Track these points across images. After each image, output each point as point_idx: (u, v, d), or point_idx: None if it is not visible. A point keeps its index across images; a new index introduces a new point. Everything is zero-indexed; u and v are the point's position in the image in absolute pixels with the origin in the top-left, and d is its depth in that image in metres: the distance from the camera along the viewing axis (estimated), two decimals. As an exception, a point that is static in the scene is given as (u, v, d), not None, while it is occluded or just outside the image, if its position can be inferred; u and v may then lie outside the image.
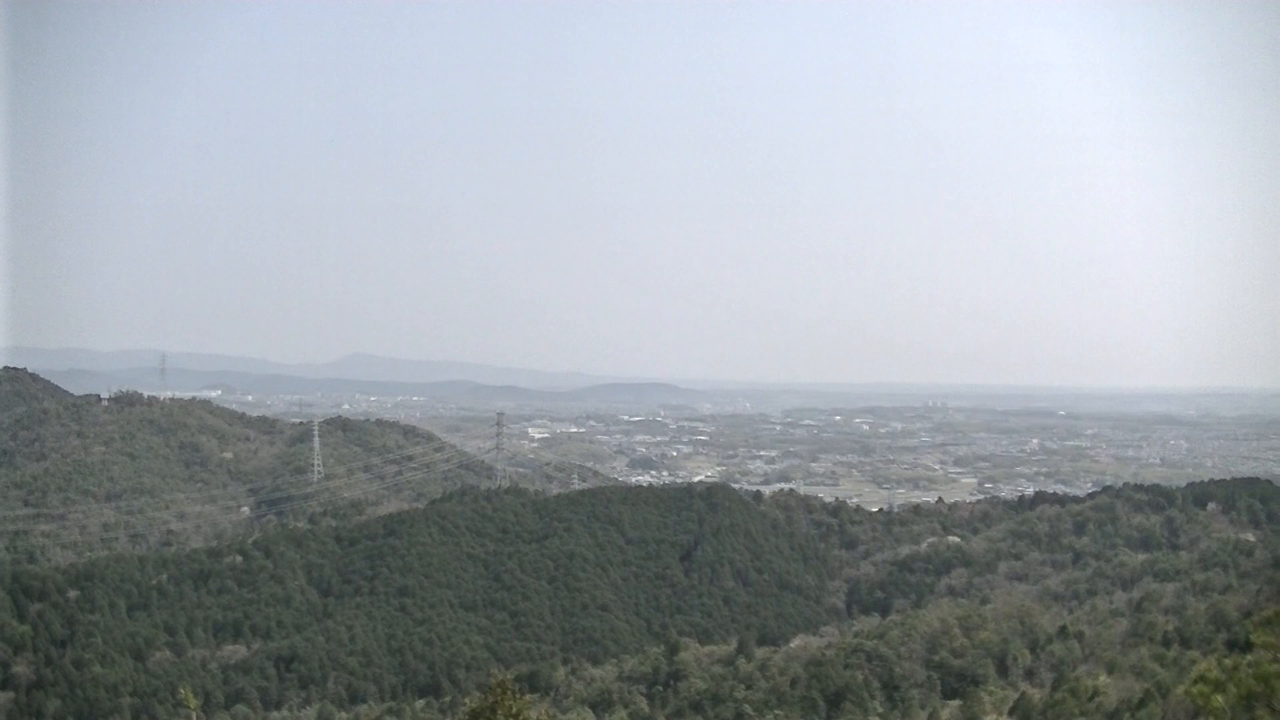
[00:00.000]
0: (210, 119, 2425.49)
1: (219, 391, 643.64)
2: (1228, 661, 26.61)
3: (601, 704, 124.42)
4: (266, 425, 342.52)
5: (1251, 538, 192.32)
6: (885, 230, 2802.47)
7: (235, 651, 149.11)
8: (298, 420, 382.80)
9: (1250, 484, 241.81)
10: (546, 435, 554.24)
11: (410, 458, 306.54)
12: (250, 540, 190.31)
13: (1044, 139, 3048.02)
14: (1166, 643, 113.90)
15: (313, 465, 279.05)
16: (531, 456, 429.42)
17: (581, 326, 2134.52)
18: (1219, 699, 25.45)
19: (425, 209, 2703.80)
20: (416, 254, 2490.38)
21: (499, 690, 37.03)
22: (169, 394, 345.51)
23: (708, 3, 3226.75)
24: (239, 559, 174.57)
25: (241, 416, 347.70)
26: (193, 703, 38.93)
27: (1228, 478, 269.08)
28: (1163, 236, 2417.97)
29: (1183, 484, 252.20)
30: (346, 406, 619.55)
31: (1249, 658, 26.90)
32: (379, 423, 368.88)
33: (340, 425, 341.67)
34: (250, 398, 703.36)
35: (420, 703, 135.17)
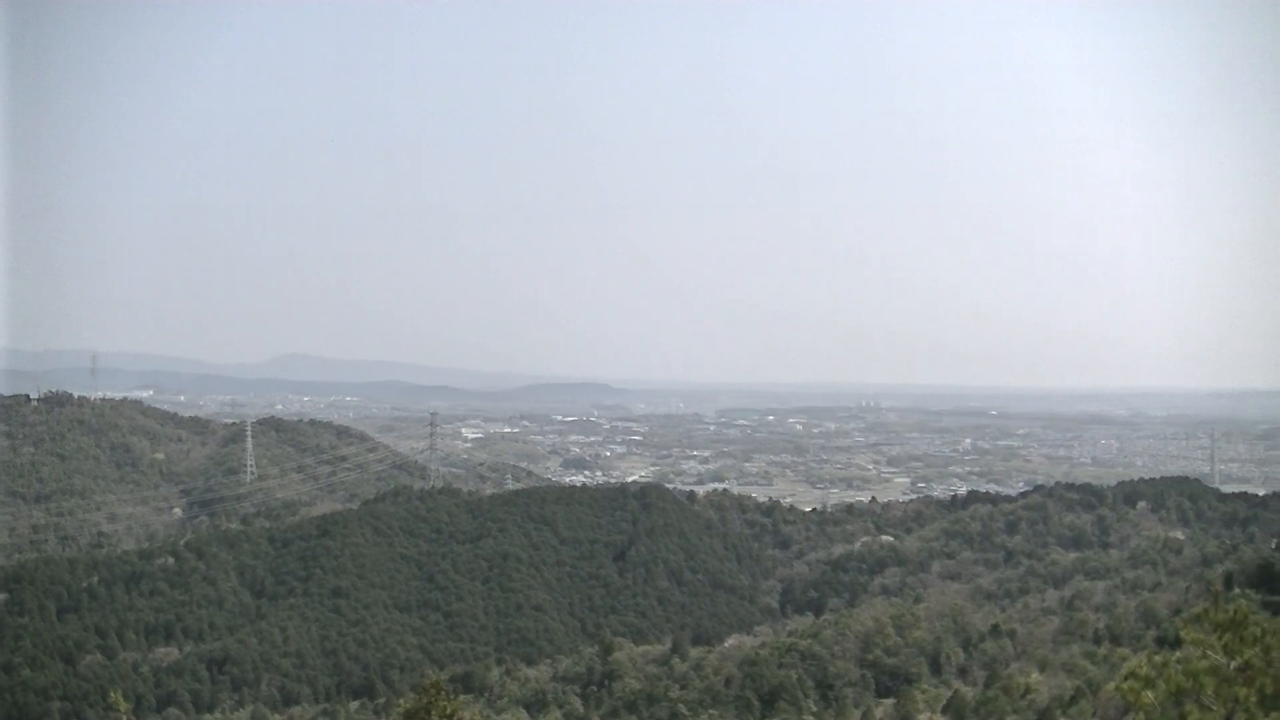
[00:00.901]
0: (145, 115, 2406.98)
1: (151, 392, 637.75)
2: (1157, 658, 26.83)
3: (536, 704, 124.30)
4: (199, 426, 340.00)
5: (1180, 536, 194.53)
6: (818, 229, 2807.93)
7: (167, 654, 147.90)
8: (230, 421, 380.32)
9: (1179, 483, 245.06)
10: (480, 435, 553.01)
11: (344, 458, 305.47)
12: (182, 541, 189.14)
13: (1007, 126, 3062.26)
14: (1097, 640, 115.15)
15: (245, 466, 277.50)
16: (465, 457, 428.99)
17: (515, 326, 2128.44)
18: (1149, 695, 25.68)
19: (355, 208, 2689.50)
20: (349, 253, 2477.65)
21: (433, 691, 36.98)
22: (100, 394, 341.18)
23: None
24: (171, 561, 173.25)
25: (174, 417, 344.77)
26: (124, 706, 38.62)
27: (1157, 477, 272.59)
28: (1120, 236, 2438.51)
29: (1113, 483, 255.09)
30: (280, 407, 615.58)
31: (1178, 654, 27.17)
32: (312, 423, 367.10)
33: (273, 425, 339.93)
34: (182, 398, 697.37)
35: (354, 704, 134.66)
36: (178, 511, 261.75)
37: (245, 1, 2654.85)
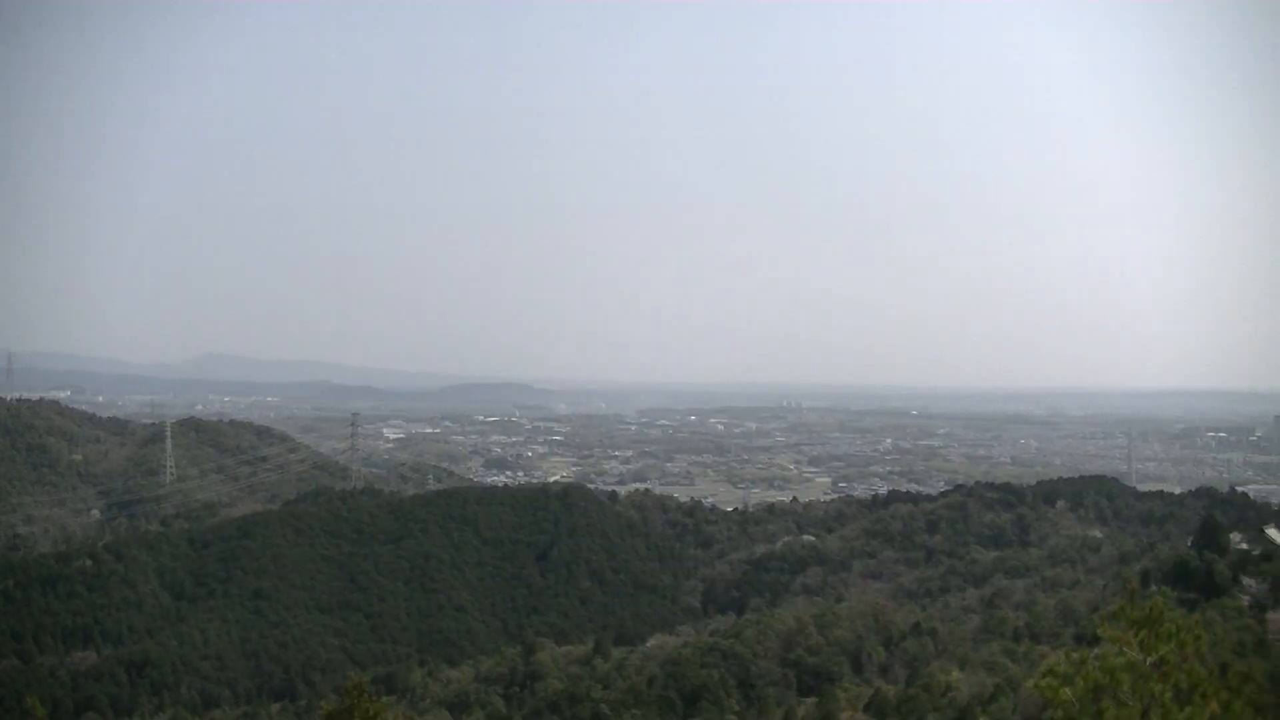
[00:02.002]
0: (59, 112, 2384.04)
1: (68, 392, 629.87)
2: (1075, 655, 27.14)
3: (458, 705, 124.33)
4: (118, 426, 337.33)
5: (1098, 534, 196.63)
6: (732, 229, 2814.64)
7: (85, 658, 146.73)
8: (150, 421, 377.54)
9: (1097, 482, 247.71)
10: (402, 436, 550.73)
11: (264, 459, 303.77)
12: (101, 544, 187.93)
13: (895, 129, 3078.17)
14: (1017, 638, 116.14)
15: (165, 467, 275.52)
16: (387, 457, 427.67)
17: (437, 326, 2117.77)
18: (1067, 692, 25.97)
19: (276, 206, 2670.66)
20: (270, 252, 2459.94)
21: (355, 693, 36.94)
22: (15, 395, 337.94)
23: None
24: (89, 563, 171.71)
25: (92, 418, 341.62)
26: (40, 711, 38.53)
27: (1076, 476, 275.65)
28: (1044, 237, 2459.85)
29: (1032, 482, 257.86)
30: (200, 407, 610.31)
31: (1096, 651, 27.45)
32: (233, 423, 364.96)
33: (193, 426, 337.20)
34: (101, 398, 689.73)
35: (275, 706, 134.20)
36: (96, 513, 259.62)
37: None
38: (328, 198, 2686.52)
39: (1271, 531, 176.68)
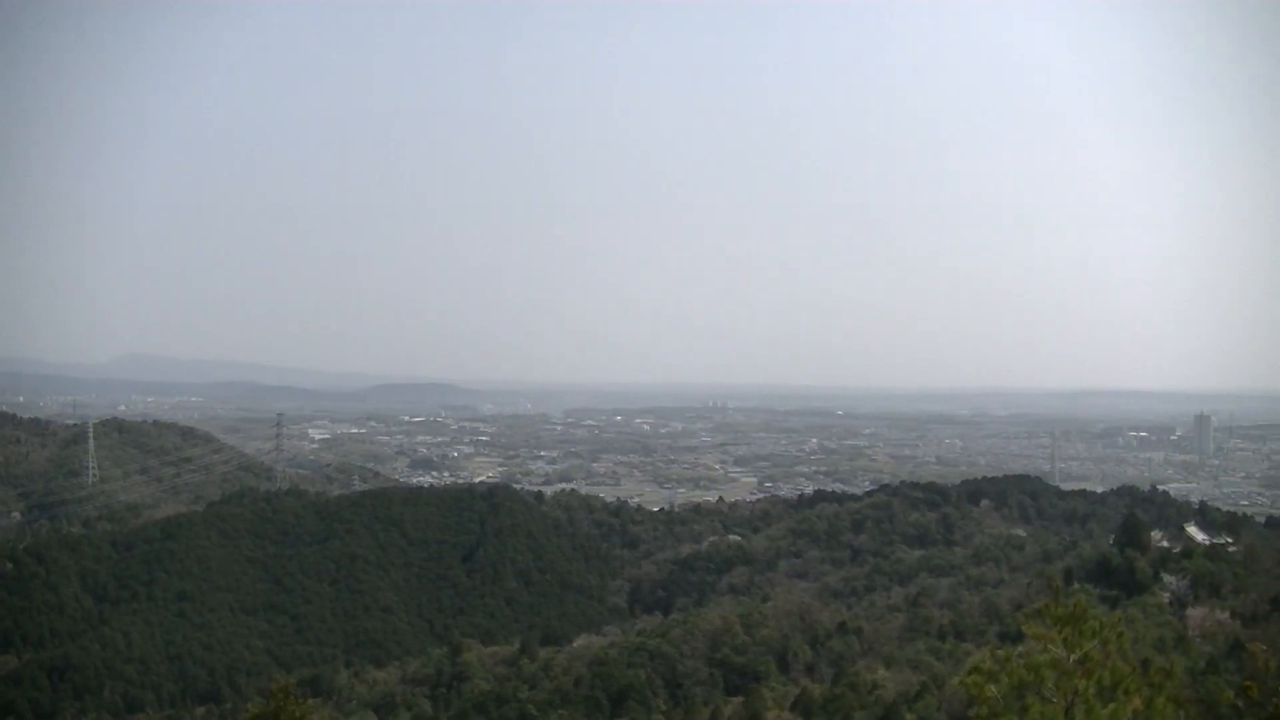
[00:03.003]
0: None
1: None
2: (1000, 653, 27.44)
3: (384, 707, 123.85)
4: (38, 427, 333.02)
5: (1022, 533, 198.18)
6: (665, 228, 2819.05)
7: (5, 662, 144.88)
8: (71, 422, 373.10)
9: (1021, 481, 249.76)
10: (327, 436, 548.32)
11: (188, 460, 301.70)
12: (21, 546, 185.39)
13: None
14: (942, 636, 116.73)
15: (87, 468, 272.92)
16: (312, 458, 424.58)
17: (361, 326, 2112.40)
18: (992, 689, 26.25)
19: (200, 205, 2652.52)
20: (193, 252, 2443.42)
21: (280, 695, 36.96)
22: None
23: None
24: (9, 565, 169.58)
25: (12, 418, 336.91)
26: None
27: (1000, 475, 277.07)
28: (964, 239, 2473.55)
29: (957, 482, 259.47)
30: (123, 408, 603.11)
31: (1020, 648, 27.76)
32: (156, 424, 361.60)
33: (116, 427, 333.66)
34: (21, 398, 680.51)
35: (200, 710, 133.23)
36: (16, 515, 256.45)
37: None
38: (246, 197, 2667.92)
39: (1191, 529, 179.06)
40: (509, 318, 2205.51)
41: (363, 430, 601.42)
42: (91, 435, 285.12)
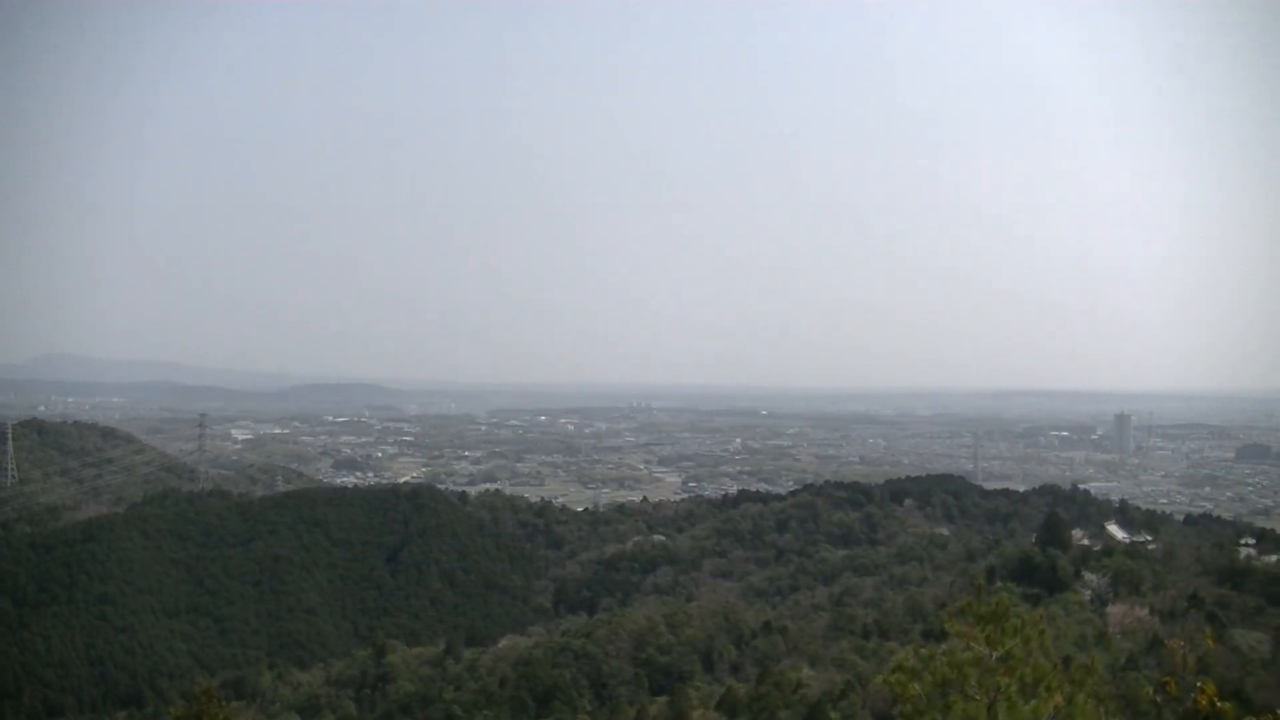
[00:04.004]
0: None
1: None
2: (924, 651, 27.66)
3: (309, 709, 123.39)
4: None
5: (945, 531, 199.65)
6: (586, 227, 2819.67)
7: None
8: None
9: (944, 480, 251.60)
10: (250, 437, 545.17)
11: (110, 461, 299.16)
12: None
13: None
14: (866, 634, 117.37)
15: (6, 469, 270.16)
16: (235, 458, 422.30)
17: (284, 325, 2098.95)
18: (915, 687, 26.47)
19: (119, 203, 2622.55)
20: (112, 247, 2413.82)
21: (203, 698, 36.83)
22: None
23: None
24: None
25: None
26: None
27: (923, 475, 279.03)
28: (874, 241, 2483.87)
29: (881, 481, 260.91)
30: (42, 408, 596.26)
31: (943, 646, 28.01)
32: (77, 425, 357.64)
33: (35, 428, 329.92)
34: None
35: (122, 714, 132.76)
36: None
37: None
38: (164, 194, 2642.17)
39: (1112, 527, 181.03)
40: (433, 319, 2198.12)
41: (286, 431, 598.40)
42: (10, 436, 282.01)
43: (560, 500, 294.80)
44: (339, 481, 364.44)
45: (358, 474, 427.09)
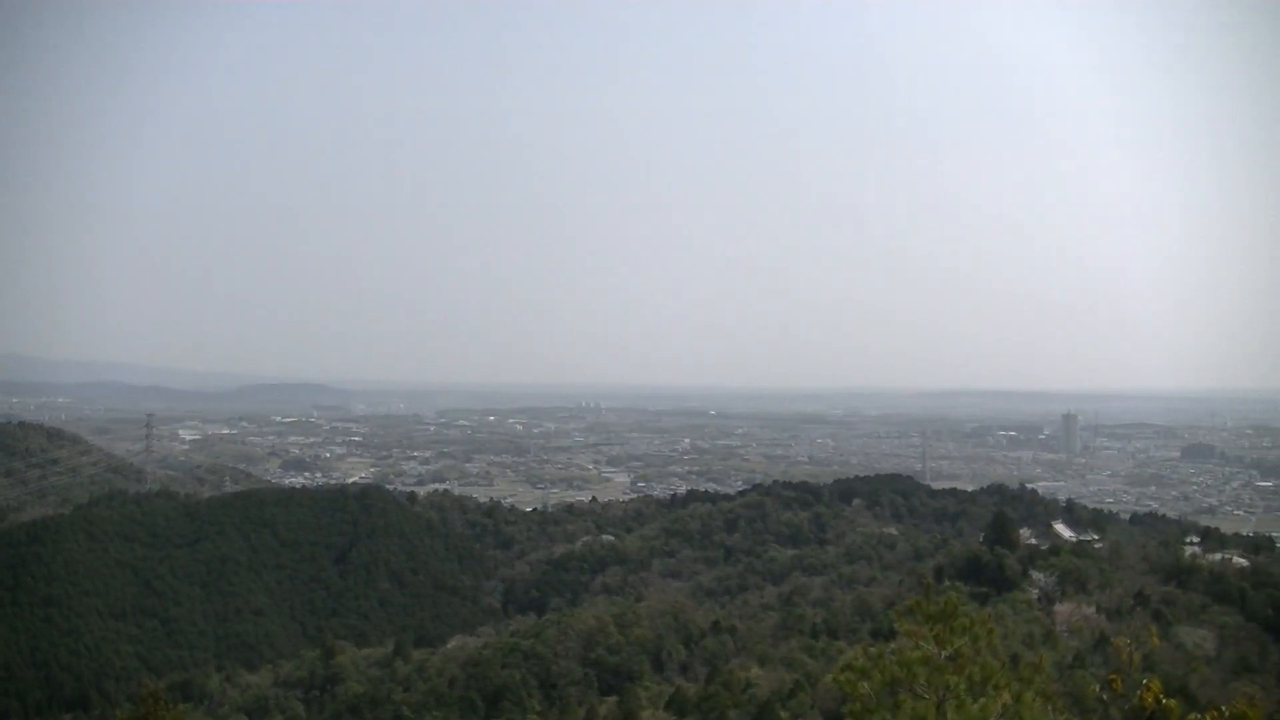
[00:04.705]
0: None
1: None
2: (873, 650, 27.78)
3: (257, 710, 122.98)
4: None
5: (894, 531, 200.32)
6: (542, 228, 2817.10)
7: None
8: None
9: (892, 480, 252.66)
10: (198, 437, 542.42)
11: (55, 462, 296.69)
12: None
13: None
14: (815, 634, 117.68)
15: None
16: (182, 459, 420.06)
17: (232, 325, 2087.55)
18: (864, 686, 26.58)
19: (60, 203, 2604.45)
20: (56, 246, 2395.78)
21: (150, 700, 36.65)
22: None
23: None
24: None
25: None
26: None
27: (872, 474, 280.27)
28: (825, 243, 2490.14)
29: (829, 481, 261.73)
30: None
31: (892, 645, 28.13)
32: (22, 425, 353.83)
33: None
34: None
35: (68, 717, 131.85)
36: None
37: None
38: (110, 192, 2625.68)
39: (1059, 526, 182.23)
40: (380, 318, 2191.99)
41: (234, 431, 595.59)
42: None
43: (509, 500, 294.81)
44: (287, 482, 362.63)
45: (306, 474, 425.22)
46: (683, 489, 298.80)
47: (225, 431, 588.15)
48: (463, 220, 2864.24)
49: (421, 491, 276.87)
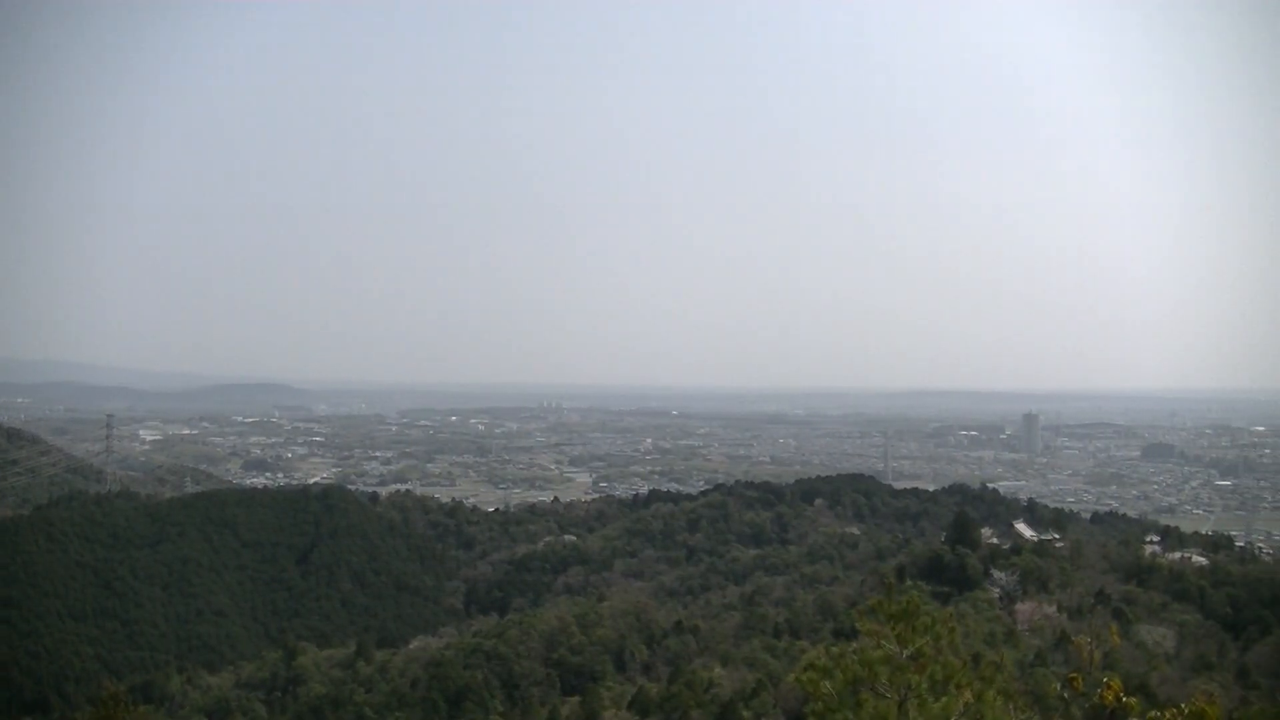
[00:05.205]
0: None
1: None
2: (835, 649, 27.79)
3: (219, 712, 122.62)
4: None
5: (856, 531, 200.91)
6: (485, 230, 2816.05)
7: None
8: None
9: (854, 480, 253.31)
10: (159, 437, 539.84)
11: (14, 462, 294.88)
12: None
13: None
14: (777, 634, 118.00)
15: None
16: (143, 459, 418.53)
17: (193, 324, 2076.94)
18: (826, 685, 26.59)
19: (18, 202, 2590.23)
20: (14, 246, 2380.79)
21: (111, 703, 36.46)
22: None
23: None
24: None
25: None
26: None
27: (834, 474, 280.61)
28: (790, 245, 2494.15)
29: (791, 481, 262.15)
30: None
31: (854, 645, 28.14)
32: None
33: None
34: None
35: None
36: None
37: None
38: (63, 191, 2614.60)
39: (1020, 526, 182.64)
40: (343, 317, 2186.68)
41: (195, 431, 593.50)
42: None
43: (471, 501, 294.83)
44: (248, 482, 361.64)
45: (267, 475, 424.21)
46: (645, 489, 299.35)
47: (186, 432, 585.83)
48: (425, 221, 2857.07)
49: (383, 492, 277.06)
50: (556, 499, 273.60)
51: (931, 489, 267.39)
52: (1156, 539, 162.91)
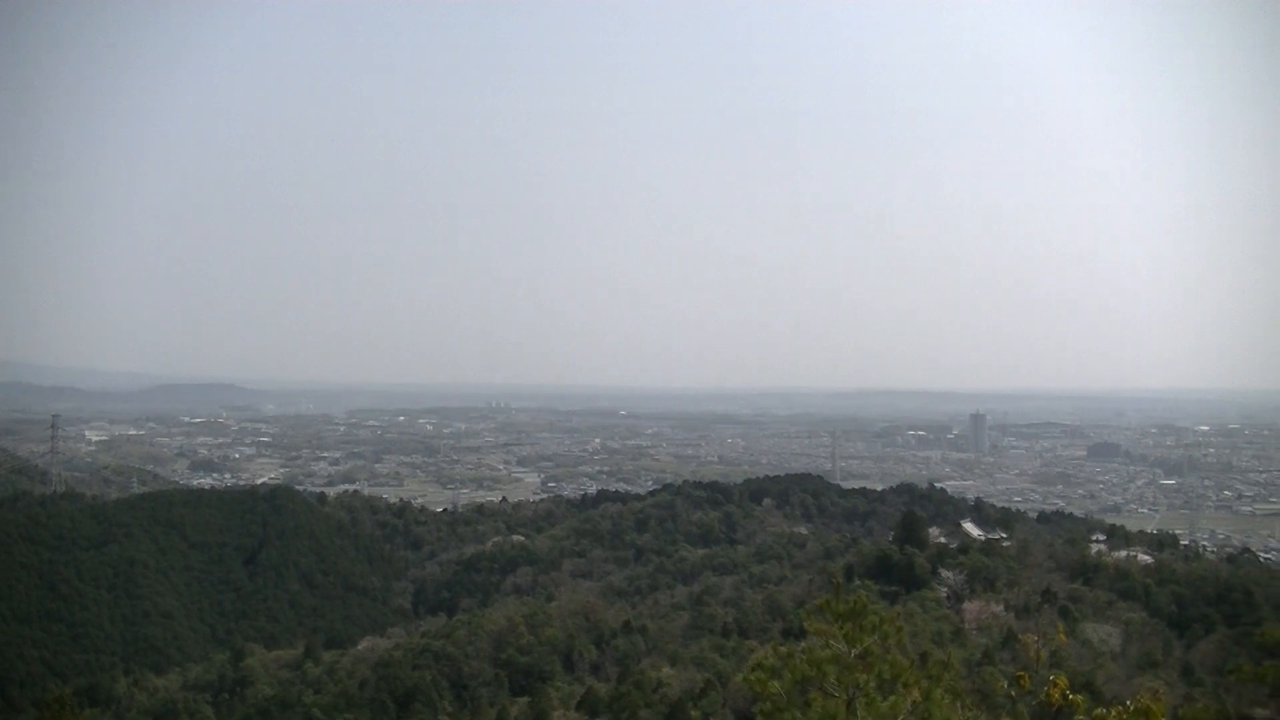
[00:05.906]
0: None
1: None
2: (783, 649, 27.91)
3: (166, 714, 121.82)
4: None
5: (804, 530, 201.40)
6: (436, 233, 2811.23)
7: None
8: None
9: (802, 480, 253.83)
10: (105, 438, 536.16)
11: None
12: None
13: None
14: (726, 633, 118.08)
15: None
16: (89, 460, 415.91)
17: (140, 324, 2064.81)
18: (775, 684, 26.71)
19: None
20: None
21: (56, 706, 36.40)
22: None
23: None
24: None
25: None
26: None
27: (782, 474, 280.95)
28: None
29: (740, 481, 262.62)
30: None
31: (803, 644, 28.28)
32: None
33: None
34: None
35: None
36: None
37: None
38: (33, 189, 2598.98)
39: (968, 525, 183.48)
40: (292, 317, 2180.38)
41: (142, 432, 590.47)
42: None
43: (419, 501, 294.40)
44: (195, 483, 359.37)
45: (215, 475, 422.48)
46: (593, 489, 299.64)
47: (133, 432, 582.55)
48: (375, 221, 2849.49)
49: (331, 492, 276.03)
50: (505, 499, 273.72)
51: (879, 489, 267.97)
52: (1102, 538, 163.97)
